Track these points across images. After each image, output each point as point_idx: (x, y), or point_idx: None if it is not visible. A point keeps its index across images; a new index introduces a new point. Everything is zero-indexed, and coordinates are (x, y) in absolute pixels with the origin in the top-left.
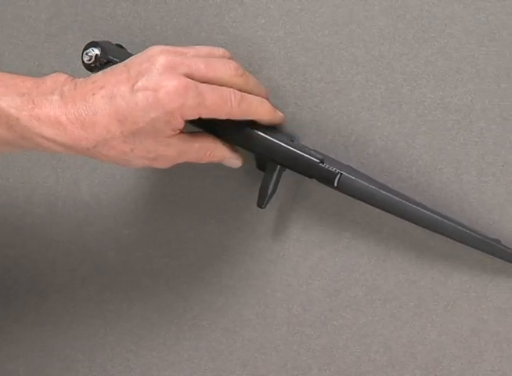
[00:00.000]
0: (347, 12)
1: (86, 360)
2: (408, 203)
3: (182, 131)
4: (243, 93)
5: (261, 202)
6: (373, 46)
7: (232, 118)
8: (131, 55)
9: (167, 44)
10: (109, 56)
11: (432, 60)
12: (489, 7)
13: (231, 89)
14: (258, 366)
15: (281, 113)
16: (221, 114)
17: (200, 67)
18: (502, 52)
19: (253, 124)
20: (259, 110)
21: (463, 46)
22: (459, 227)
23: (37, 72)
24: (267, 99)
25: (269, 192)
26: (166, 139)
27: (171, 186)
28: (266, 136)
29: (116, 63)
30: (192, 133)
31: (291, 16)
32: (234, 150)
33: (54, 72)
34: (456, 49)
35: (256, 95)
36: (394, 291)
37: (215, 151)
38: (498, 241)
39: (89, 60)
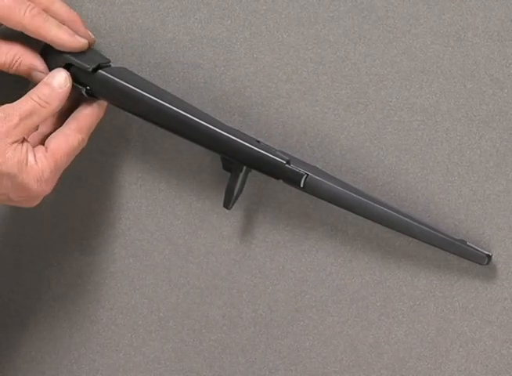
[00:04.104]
0: (313, 12)
1: (52, 362)
2: (374, 204)
3: None
4: (43, 11)
5: (228, 203)
6: (339, 47)
7: (24, 31)
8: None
9: (134, 45)
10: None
11: (397, 61)
12: (454, 7)
13: (32, 3)
14: (225, 367)
15: (82, 40)
16: (13, 20)
17: None
18: (467, 53)
19: (217, 125)
20: (54, 30)
21: (429, 47)
22: (424, 228)
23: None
24: (77, 25)
25: (235, 193)
26: None
27: (136, 186)
28: (232, 137)
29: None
30: (1, 38)
31: (257, 16)
32: (43, 64)
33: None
34: (421, 50)
35: (63, 18)
36: (361, 292)
37: (24, 58)
38: (463, 242)
39: None
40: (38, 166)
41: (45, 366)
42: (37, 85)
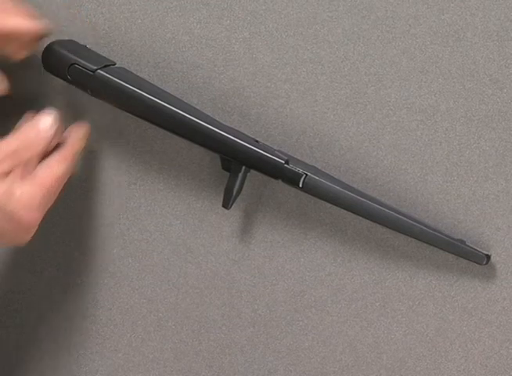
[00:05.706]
0: (312, 12)
1: (52, 362)
2: (373, 203)
3: None
4: None
5: (227, 203)
6: (338, 47)
7: None
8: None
9: (133, 45)
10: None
11: (396, 61)
12: (453, 7)
13: None
14: (224, 367)
15: (42, 23)
16: None
17: None
18: (466, 53)
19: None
20: (13, 20)
21: (428, 47)
22: (424, 228)
23: None
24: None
25: (234, 192)
26: None
27: (135, 186)
28: (231, 137)
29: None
30: None
31: (256, 16)
32: None
33: (15, 74)
34: (420, 50)
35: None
36: (360, 292)
37: None
38: (463, 242)
39: None
40: (27, 194)
41: (45, 366)
42: (24, 126)
